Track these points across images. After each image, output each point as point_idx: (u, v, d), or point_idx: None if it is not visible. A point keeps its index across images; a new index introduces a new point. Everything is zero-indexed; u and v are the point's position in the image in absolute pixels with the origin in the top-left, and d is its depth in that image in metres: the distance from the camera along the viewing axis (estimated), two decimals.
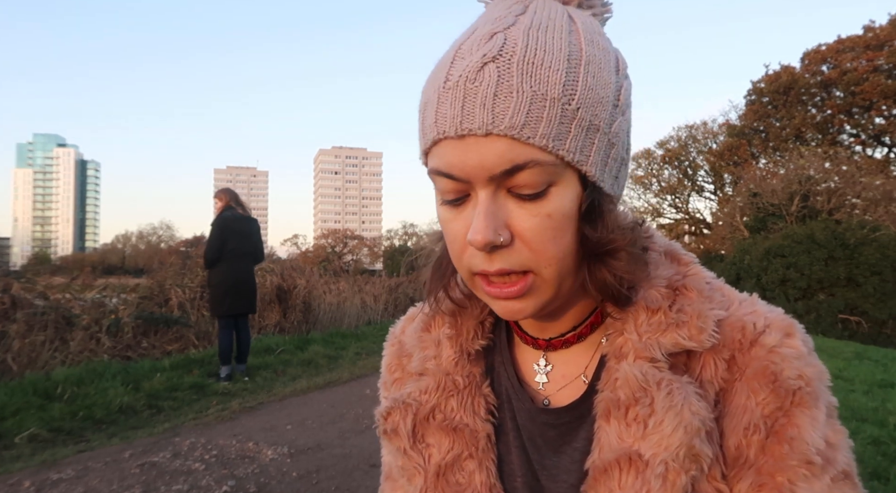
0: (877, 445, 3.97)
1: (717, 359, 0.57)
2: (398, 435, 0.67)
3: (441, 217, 0.58)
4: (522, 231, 0.53)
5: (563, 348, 0.65)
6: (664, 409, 0.53)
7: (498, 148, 0.51)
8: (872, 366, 7.32)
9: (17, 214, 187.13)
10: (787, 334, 0.56)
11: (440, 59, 0.56)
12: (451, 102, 0.52)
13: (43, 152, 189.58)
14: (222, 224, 6.17)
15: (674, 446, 0.52)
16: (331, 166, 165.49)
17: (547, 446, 0.63)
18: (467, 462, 0.64)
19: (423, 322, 0.73)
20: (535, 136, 0.50)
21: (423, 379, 0.68)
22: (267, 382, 6.37)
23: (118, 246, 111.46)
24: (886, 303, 13.07)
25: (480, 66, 0.51)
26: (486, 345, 0.69)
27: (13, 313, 6.54)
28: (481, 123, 0.50)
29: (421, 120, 0.56)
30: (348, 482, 3.60)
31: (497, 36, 0.52)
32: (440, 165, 0.54)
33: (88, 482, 3.49)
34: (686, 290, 0.59)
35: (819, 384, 0.55)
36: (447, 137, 0.52)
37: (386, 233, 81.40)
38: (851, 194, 18.48)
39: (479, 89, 0.50)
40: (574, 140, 0.52)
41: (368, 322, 12.02)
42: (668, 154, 34.57)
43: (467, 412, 0.66)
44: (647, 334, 0.57)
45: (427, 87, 0.56)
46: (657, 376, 0.55)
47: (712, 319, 0.57)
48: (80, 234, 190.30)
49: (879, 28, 28.02)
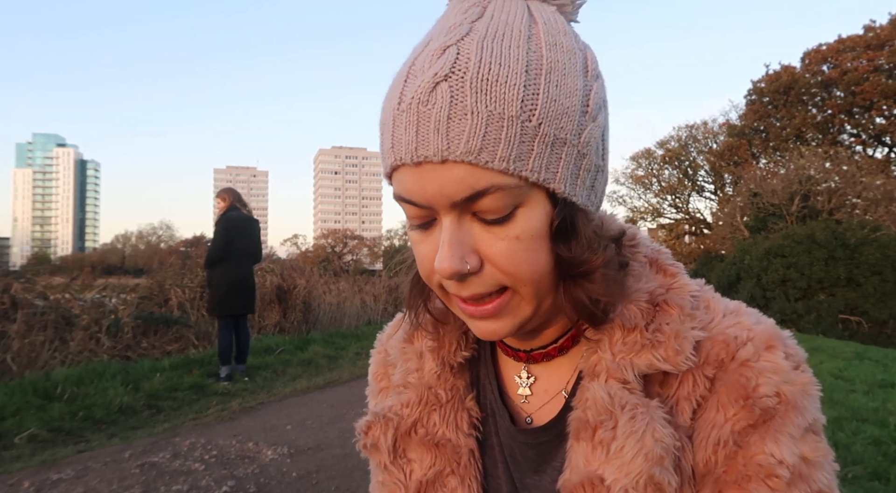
0: (877, 445, 3.96)
1: (697, 376, 0.54)
2: (378, 450, 0.65)
3: (411, 239, 0.56)
4: (491, 256, 0.51)
5: (544, 361, 0.63)
6: (625, 435, 0.52)
7: (456, 175, 0.48)
8: (873, 366, 7.31)
9: (16, 214, 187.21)
10: (768, 346, 0.54)
11: (396, 73, 0.53)
12: (405, 127, 0.49)
13: (42, 152, 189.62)
14: (228, 224, 6.16)
15: (633, 473, 0.50)
16: (331, 166, 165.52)
17: (527, 464, 0.62)
18: (449, 479, 0.62)
19: (406, 333, 0.71)
20: (494, 160, 0.47)
21: (404, 392, 0.67)
22: (267, 382, 6.36)
23: (118, 246, 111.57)
24: (887, 303, 13.06)
25: (432, 86, 0.48)
26: (469, 356, 0.67)
27: (13, 313, 6.54)
28: (436, 150, 0.47)
29: (381, 142, 0.54)
30: (348, 482, 3.60)
31: (450, 50, 0.49)
32: (401, 191, 0.52)
33: (88, 482, 3.49)
34: (667, 306, 0.57)
35: (802, 399, 0.52)
36: (404, 163, 0.50)
37: (386, 233, 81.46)
38: (852, 194, 18.47)
39: (433, 112, 0.47)
40: (538, 158, 0.49)
41: (368, 322, 12.01)
42: (668, 154, 34.55)
43: (450, 426, 0.64)
44: (622, 353, 0.55)
45: (384, 105, 0.53)
46: (624, 400, 0.53)
47: (690, 340, 0.54)
48: (79, 234, 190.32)
49: (880, 28, 28.01)
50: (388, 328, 0.78)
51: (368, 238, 73.95)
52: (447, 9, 0.55)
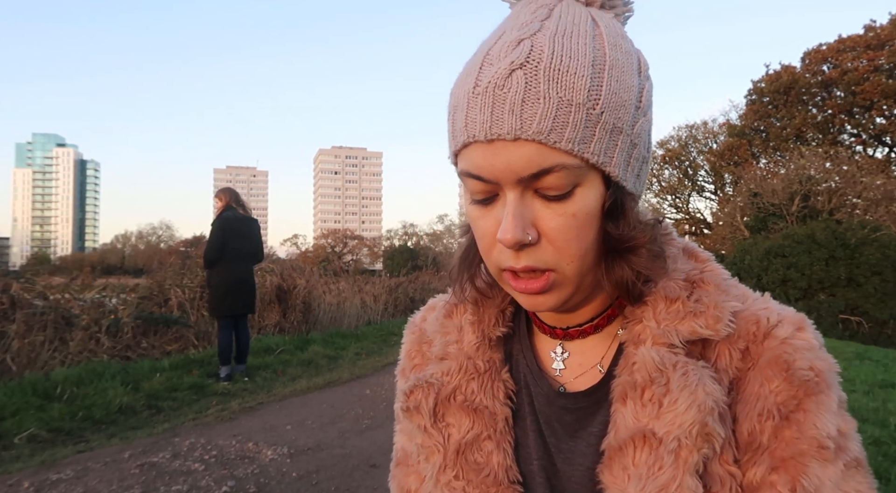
0: (878, 445, 3.96)
1: (731, 349, 0.59)
2: (420, 413, 0.68)
3: (470, 215, 0.60)
4: (548, 230, 0.55)
5: (579, 338, 0.67)
6: (679, 388, 0.56)
7: (526, 152, 0.53)
8: (873, 366, 7.31)
9: (16, 214, 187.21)
10: (799, 327, 0.59)
11: (468, 62, 0.58)
12: (480, 108, 0.54)
13: (42, 152, 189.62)
14: (223, 224, 6.16)
15: (687, 423, 0.54)
16: (331, 166, 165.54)
17: (563, 429, 0.65)
18: (486, 443, 0.66)
19: (446, 310, 0.75)
20: (562, 140, 0.52)
21: (444, 362, 0.70)
22: (267, 382, 6.36)
23: (118, 246, 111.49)
24: (887, 303, 13.07)
25: (508, 72, 0.53)
26: (505, 333, 0.71)
27: (12, 314, 6.53)
28: (510, 129, 0.52)
29: (451, 122, 0.58)
30: (348, 482, 3.60)
31: (524, 43, 0.54)
32: (470, 167, 0.56)
33: (88, 482, 3.49)
34: (704, 283, 0.62)
35: (830, 376, 0.57)
36: (476, 141, 0.54)
37: (386, 233, 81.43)
38: (852, 194, 18.48)
39: (508, 96, 0.52)
40: (598, 143, 0.54)
41: (368, 322, 12.02)
42: (668, 154, 34.56)
43: (487, 394, 0.68)
44: (666, 321, 0.59)
45: (456, 90, 0.58)
46: (673, 360, 0.57)
47: (728, 310, 0.59)
48: (79, 234, 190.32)
49: (880, 28, 28.03)
50: (420, 312, 0.82)
51: (368, 238, 73.97)
52: (515, 9, 0.60)
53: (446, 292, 0.78)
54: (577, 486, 0.62)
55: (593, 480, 0.60)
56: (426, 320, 0.79)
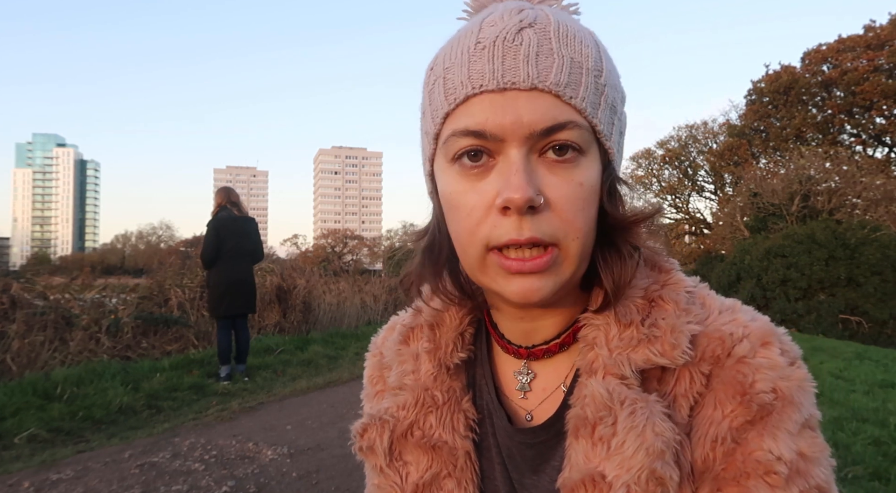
0: (877, 445, 3.96)
1: (694, 372, 0.54)
2: (374, 453, 0.65)
3: (453, 191, 0.54)
4: (556, 198, 0.51)
5: (544, 358, 0.63)
6: (626, 430, 0.52)
7: (541, 104, 0.50)
8: (873, 366, 7.31)
9: (16, 214, 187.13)
10: (764, 343, 0.54)
11: (454, 37, 0.56)
12: (488, 59, 0.50)
13: (42, 152, 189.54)
14: (217, 225, 6.16)
15: (635, 468, 0.50)
16: (331, 166, 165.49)
17: (525, 464, 0.61)
18: (446, 481, 0.62)
19: (402, 335, 0.70)
20: (577, 97, 0.51)
21: (400, 394, 0.66)
22: (267, 382, 6.36)
23: (118, 246, 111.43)
24: (887, 303, 13.06)
25: (518, 29, 0.51)
26: (466, 358, 0.67)
27: (12, 314, 6.54)
28: (526, 77, 0.49)
29: (440, 86, 0.54)
30: (348, 482, 3.60)
31: (526, 10, 0.53)
32: (470, 123, 0.51)
33: (88, 482, 3.49)
34: (662, 301, 0.57)
35: (798, 395, 0.52)
36: (485, 90, 0.50)
37: (386, 233, 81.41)
38: (852, 194, 18.46)
39: (521, 48, 0.50)
40: (603, 113, 0.53)
41: (368, 322, 12.01)
42: (668, 154, 34.54)
43: (446, 428, 0.63)
44: (618, 349, 0.55)
45: (449, 51, 0.54)
46: (622, 395, 0.53)
47: (686, 334, 0.54)
48: (79, 234, 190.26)
49: (880, 28, 28.00)
50: (382, 332, 0.78)
51: (368, 238, 73.93)
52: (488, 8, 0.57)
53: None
54: None
55: None
56: (385, 343, 0.74)
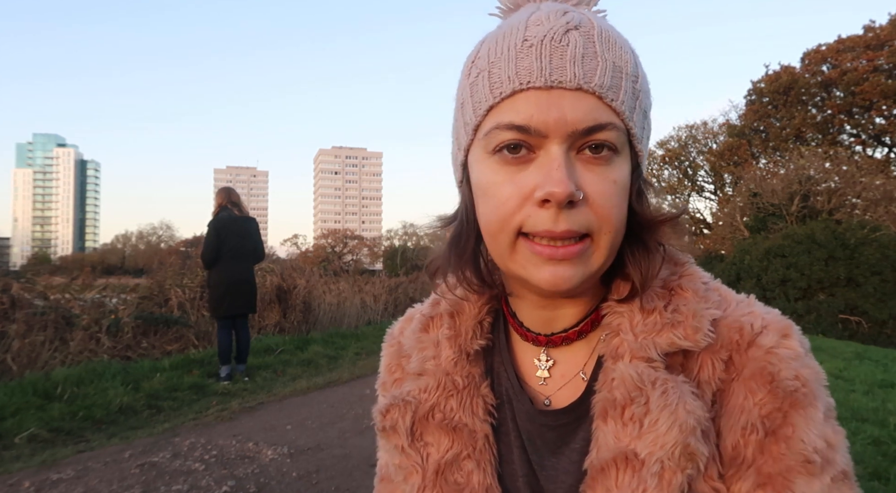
0: (877, 445, 3.96)
1: (714, 359, 0.57)
2: (396, 433, 0.66)
3: (489, 181, 0.56)
4: (592, 194, 0.54)
5: (563, 345, 0.65)
6: (659, 408, 0.54)
7: (585, 104, 0.52)
8: (873, 366, 7.32)
9: (16, 214, 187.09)
10: (784, 335, 0.57)
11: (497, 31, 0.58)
12: (536, 57, 0.53)
13: (43, 152, 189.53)
14: (218, 225, 6.17)
15: (669, 444, 0.53)
16: (331, 166, 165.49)
17: (545, 447, 0.63)
18: (466, 462, 0.64)
19: (421, 323, 0.73)
20: (618, 100, 0.53)
21: (422, 379, 0.68)
22: (267, 382, 6.36)
23: (118, 246, 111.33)
24: (887, 303, 13.06)
25: (565, 30, 0.53)
26: (484, 345, 0.69)
27: (13, 314, 6.53)
28: (573, 77, 0.52)
29: (485, 79, 0.56)
30: (348, 482, 3.60)
31: (570, 13, 0.55)
32: (514, 117, 0.53)
33: (88, 482, 3.49)
34: (681, 290, 0.60)
35: (816, 385, 0.55)
36: (532, 87, 0.53)
37: (386, 233, 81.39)
38: (852, 194, 18.47)
39: (568, 49, 0.52)
40: (637, 117, 0.56)
41: (368, 322, 12.01)
42: (668, 154, 34.53)
43: (466, 412, 0.65)
44: (643, 334, 0.58)
45: (494, 48, 0.56)
46: (652, 376, 0.55)
47: (707, 318, 0.57)
48: (79, 234, 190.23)
49: (880, 28, 27.99)
50: (398, 323, 0.80)
51: (368, 238, 73.90)
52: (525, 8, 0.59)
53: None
54: None
55: None
56: (403, 333, 0.76)
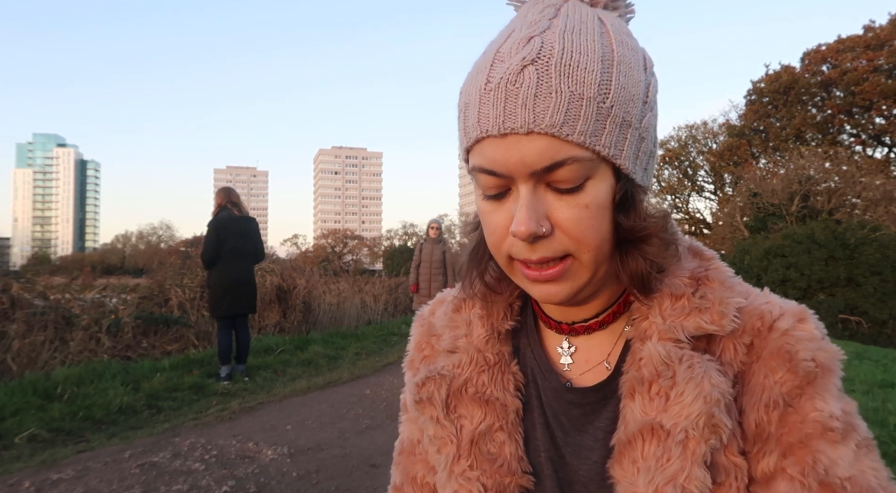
0: (877, 445, 3.97)
1: (736, 344, 0.60)
2: (432, 404, 0.69)
3: (482, 210, 0.61)
4: (562, 222, 0.56)
5: (585, 334, 0.68)
6: (685, 380, 0.57)
7: (539, 146, 0.54)
8: (873, 366, 7.31)
9: (16, 214, 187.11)
10: (801, 318, 0.60)
11: (477, 61, 0.60)
12: (493, 103, 0.55)
13: (43, 152, 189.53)
14: (217, 225, 6.17)
15: (693, 414, 0.55)
16: (331, 166, 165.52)
17: (571, 424, 0.66)
18: (498, 434, 0.67)
19: (454, 304, 0.76)
20: (574, 133, 0.53)
21: (455, 355, 0.71)
22: (267, 382, 6.37)
23: (118, 246, 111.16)
24: (887, 303, 13.05)
25: (520, 68, 0.54)
26: (514, 327, 0.72)
27: (13, 314, 6.54)
28: (523, 122, 0.53)
29: (462, 120, 0.60)
30: (348, 482, 3.60)
31: (534, 40, 0.55)
32: (482, 162, 0.57)
33: (88, 482, 3.49)
34: (709, 280, 0.63)
35: (833, 363, 0.58)
36: (490, 135, 0.55)
37: (386, 233, 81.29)
38: (851, 194, 18.46)
39: (520, 91, 0.53)
40: (609, 136, 0.55)
41: (368, 322, 12.01)
42: (668, 154, 34.53)
43: (497, 386, 0.69)
44: (671, 317, 0.61)
45: (467, 88, 0.59)
46: (679, 353, 0.59)
47: (733, 305, 0.60)
48: (79, 234, 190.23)
49: (879, 28, 28.00)
50: (428, 306, 0.83)
51: (368, 238, 73.82)
52: (522, 9, 0.62)
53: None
54: (585, 478, 0.63)
55: (601, 473, 0.61)
56: (434, 314, 0.79)
